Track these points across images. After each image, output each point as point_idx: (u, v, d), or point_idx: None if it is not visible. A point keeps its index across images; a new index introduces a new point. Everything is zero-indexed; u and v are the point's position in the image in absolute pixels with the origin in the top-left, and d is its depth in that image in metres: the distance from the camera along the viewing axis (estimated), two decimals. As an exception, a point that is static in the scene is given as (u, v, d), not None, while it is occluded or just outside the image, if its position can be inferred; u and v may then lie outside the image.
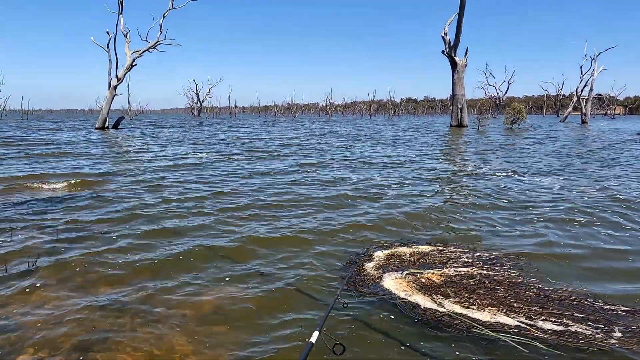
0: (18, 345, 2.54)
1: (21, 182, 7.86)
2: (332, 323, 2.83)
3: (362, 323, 2.84)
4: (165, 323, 2.82)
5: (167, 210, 5.85)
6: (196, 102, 78.31)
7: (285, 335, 2.70)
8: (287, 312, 3.00)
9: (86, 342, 2.57)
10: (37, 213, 5.57)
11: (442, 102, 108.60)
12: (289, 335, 2.70)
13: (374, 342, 2.63)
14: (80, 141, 17.67)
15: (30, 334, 2.66)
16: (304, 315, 2.95)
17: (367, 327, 2.79)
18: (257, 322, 2.87)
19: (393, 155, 13.22)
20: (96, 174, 8.88)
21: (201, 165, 10.65)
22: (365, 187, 7.58)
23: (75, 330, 2.72)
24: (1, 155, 12.28)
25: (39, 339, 2.60)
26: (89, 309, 2.98)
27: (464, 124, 30.96)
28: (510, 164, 10.80)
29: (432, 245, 4.38)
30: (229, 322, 2.85)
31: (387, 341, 2.64)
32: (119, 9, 27.60)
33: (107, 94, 27.80)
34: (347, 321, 2.87)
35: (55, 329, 2.72)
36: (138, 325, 2.79)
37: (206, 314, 2.99)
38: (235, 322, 2.86)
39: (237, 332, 2.74)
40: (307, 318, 2.91)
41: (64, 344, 2.55)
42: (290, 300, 3.18)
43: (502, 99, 75.21)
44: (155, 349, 2.53)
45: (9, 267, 3.74)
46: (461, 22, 29.37)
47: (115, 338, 2.63)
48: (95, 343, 2.57)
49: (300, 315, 2.95)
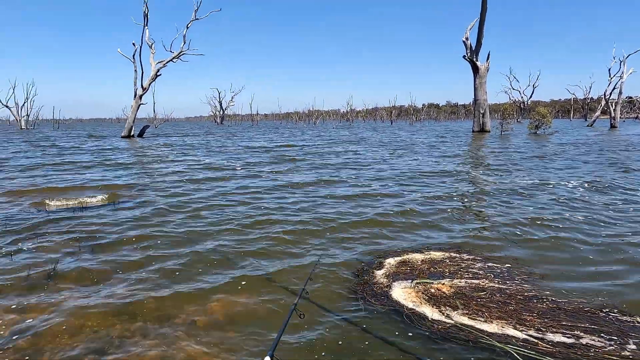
0: (38, 348, 2.67)
1: (48, 191, 8.20)
2: (337, 332, 2.87)
3: (368, 333, 2.86)
4: (177, 329, 2.91)
5: (189, 218, 5.99)
6: (219, 110, 79.77)
7: (298, 346, 2.75)
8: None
9: (101, 347, 2.69)
10: (60, 221, 5.81)
11: (465, 107, 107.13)
12: (301, 345, 2.75)
13: (378, 353, 2.64)
14: (106, 150, 18.26)
15: (49, 338, 2.79)
16: (322, 319, 2.99)
17: (373, 337, 2.81)
18: (269, 330, 2.93)
19: (422, 164, 13.14)
20: (120, 183, 9.17)
21: (228, 175, 10.84)
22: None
23: (91, 334, 2.84)
24: (33, 165, 12.81)
25: (57, 343, 2.73)
26: (105, 314, 3.11)
27: (486, 129, 30.48)
28: (534, 171, 10.58)
29: (445, 252, 4.36)
30: (241, 329, 2.92)
31: (392, 351, 2.66)
32: (144, 21, 28.49)
33: (132, 103, 28.65)
34: (353, 331, 2.89)
35: (72, 334, 2.85)
36: (151, 330, 2.89)
37: (218, 320, 3.07)
38: (246, 329, 2.92)
39: (248, 339, 2.80)
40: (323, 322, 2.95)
41: (81, 348, 2.67)
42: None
43: (527, 103, 73.56)
44: (167, 354, 2.62)
45: (31, 272, 3.93)
46: (483, 26, 29.04)
47: (128, 344, 2.74)
48: (110, 348, 2.68)
49: (319, 319, 2.99)
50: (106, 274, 3.92)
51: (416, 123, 75.65)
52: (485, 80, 30.18)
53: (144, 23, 28.49)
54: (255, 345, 2.74)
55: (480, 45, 29.50)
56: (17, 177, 9.95)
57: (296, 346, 2.73)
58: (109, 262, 4.21)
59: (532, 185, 8.49)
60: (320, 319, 3.06)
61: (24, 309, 3.21)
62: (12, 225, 5.60)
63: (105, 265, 4.12)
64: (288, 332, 2.84)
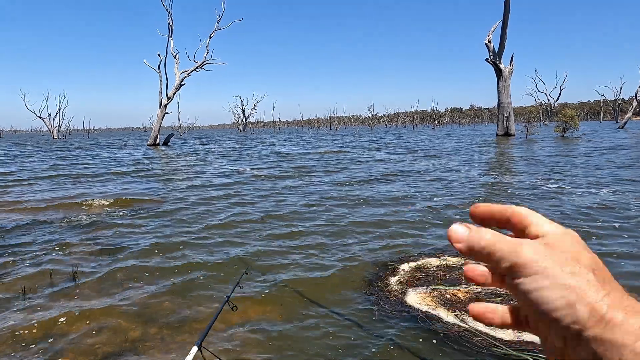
0: (58, 351, 2.77)
1: (73, 200, 8.49)
2: (351, 338, 2.86)
3: (381, 338, 2.84)
4: (193, 334, 2.97)
5: (211, 226, 6.10)
6: (242, 117, 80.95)
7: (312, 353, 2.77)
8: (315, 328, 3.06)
9: (119, 351, 2.77)
10: (82, 228, 6.01)
11: (489, 110, 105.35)
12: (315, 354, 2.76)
13: (392, 355, 2.63)
14: (133, 158, 18.78)
15: (69, 340, 2.89)
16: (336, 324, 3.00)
17: (387, 341, 2.79)
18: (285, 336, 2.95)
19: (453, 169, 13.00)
20: (143, 192, 9.41)
21: (254, 183, 10.98)
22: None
23: (110, 337, 2.93)
24: (66, 174, 13.29)
25: (77, 345, 2.83)
26: (123, 318, 3.20)
27: (511, 132, 29.86)
28: (558, 174, 10.30)
29: (462, 257, 4.29)
30: (255, 334, 2.95)
31: (405, 355, 2.63)
32: (169, 32, 29.31)
33: (158, 112, 29.43)
34: (367, 337, 2.88)
35: (91, 337, 2.94)
36: (166, 335, 2.96)
37: (233, 325, 3.11)
38: (261, 336, 2.95)
39: (261, 345, 2.83)
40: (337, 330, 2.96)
41: (99, 352, 2.76)
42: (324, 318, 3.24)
43: (554, 106, 71.74)
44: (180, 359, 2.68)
45: (53, 277, 4.08)
46: (506, 28, 28.58)
47: (144, 347, 2.81)
48: (127, 352, 2.76)
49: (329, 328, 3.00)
50: (125, 279, 4.03)
51: (439, 128, 74.80)
52: (509, 83, 29.61)
53: (169, 34, 29.32)
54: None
55: (503, 48, 29.02)
56: (44, 187, 10.35)
57: (309, 350, 2.74)
58: (128, 268, 4.32)
59: (560, 189, 8.26)
60: (333, 322, 3.07)
61: (47, 312, 3.34)
62: (38, 232, 5.83)
63: (124, 271, 4.24)
64: (310, 338, 2.85)
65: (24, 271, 4.21)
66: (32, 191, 9.45)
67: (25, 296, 3.62)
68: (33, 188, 9.92)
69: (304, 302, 3.44)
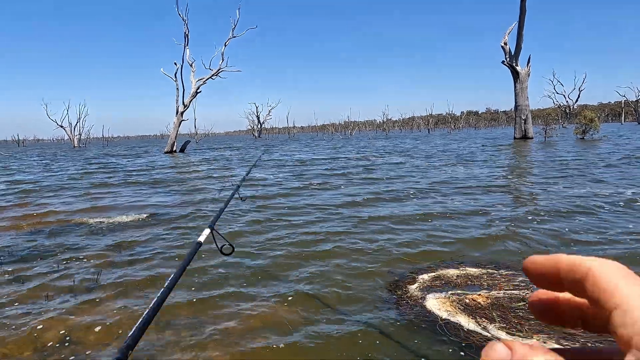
0: (81, 352, 2.80)
1: (96, 211, 8.64)
2: (366, 342, 2.81)
3: (399, 344, 2.79)
4: (209, 338, 2.96)
5: (229, 235, 6.13)
6: (257, 124, 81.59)
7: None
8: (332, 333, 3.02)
9: (137, 355, 2.78)
10: (102, 235, 6.10)
11: (506, 113, 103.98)
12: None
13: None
14: (150, 166, 19.06)
15: (90, 342, 2.92)
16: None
17: (404, 348, 2.74)
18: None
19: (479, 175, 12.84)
20: (160, 200, 9.52)
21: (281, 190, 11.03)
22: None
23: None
24: (92, 183, 13.55)
25: (97, 347, 2.85)
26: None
27: (529, 135, 29.37)
28: (584, 179, 10.06)
29: (482, 268, 4.19)
30: (271, 339, 2.93)
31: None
32: (185, 41, 29.79)
33: (174, 120, 29.87)
34: (384, 344, 2.83)
35: (111, 340, 2.96)
36: (182, 339, 2.96)
37: (252, 329, 3.09)
38: (277, 340, 2.93)
39: (278, 350, 2.81)
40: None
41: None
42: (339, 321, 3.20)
43: (573, 108, 70.38)
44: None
45: (75, 282, 4.13)
46: (522, 29, 28.23)
47: (160, 351, 2.81)
48: (145, 356, 2.77)
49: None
50: (142, 285, 4.06)
51: (454, 131, 74.04)
52: (527, 85, 29.18)
53: (185, 43, 29.80)
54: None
55: (520, 50, 28.65)
56: (65, 196, 10.56)
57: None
58: (145, 274, 4.36)
59: (586, 195, 8.05)
60: (352, 326, 3.03)
61: (68, 316, 3.38)
62: (57, 239, 5.94)
63: (142, 277, 4.28)
64: (329, 342, 2.82)
65: (48, 277, 4.29)
66: (58, 202, 9.66)
67: (48, 301, 3.68)
68: (59, 199, 10.13)
69: (324, 307, 3.41)
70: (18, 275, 4.37)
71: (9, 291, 3.94)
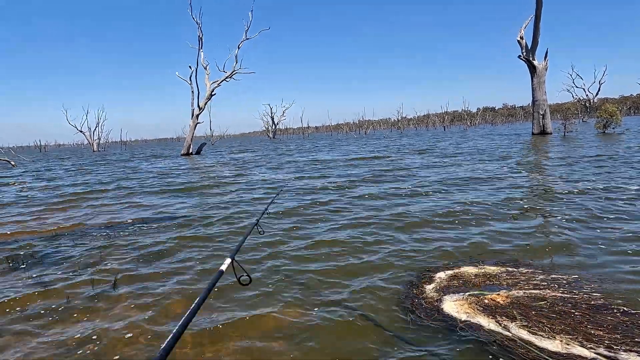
0: (103, 354, 2.84)
1: (118, 214, 8.78)
2: (386, 349, 2.78)
3: (415, 349, 2.75)
4: (228, 341, 2.96)
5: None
6: (271, 125, 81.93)
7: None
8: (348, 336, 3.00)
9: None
10: (120, 237, 6.19)
11: (523, 108, 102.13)
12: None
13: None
14: (167, 169, 19.32)
15: (112, 345, 2.96)
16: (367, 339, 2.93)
17: (422, 353, 2.69)
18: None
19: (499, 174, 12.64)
20: (179, 202, 9.63)
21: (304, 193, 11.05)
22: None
23: (147, 345, 2.97)
24: (113, 188, 13.80)
25: (118, 350, 2.89)
26: (159, 325, 3.24)
27: (547, 130, 28.77)
28: (599, 176, 9.79)
29: (501, 266, 4.10)
30: (288, 343, 2.92)
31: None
32: (199, 44, 30.09)
33: (190, 122, 30.21)
34: (399, 349, 2.79)
35: (132, 342, 3.00)
36: (199, 342, 2.98)
37: (270, 332, 3.08)
38: (294, 343, 2.92)
39: (296, 353, 2.80)
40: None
41: (140, 355, 2.80)
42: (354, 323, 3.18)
43: (593, 101, 68.67)
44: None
45: (94, 285, 4.20)
46: (538, 23, 27.66)
47: (177, 354, 2.83)
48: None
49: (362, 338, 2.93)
50: (161, 288, 4.10)
51: (470, 128, 73.07)
52: (544, 80, 28.60)
53: (199, 46, 30.10)
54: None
55: (536, 44, 28.08)
56: (83, 201, 10.77)
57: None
58: (165, 276, 4.41)
59: (608, 190, 7.84)
60: (367, 331, 3.00)
61: (90, 317, 3.44)
62: (80, 241, 6.05)
63: (160, 278, 4.32)
64: (345, 342, 2.79)
65: (70, 280, 4.37)
66: (79, 208, 9.85)
67: (69, 304, 3.74)
68: (82, 204, 10.33)
69: (339, 307, 3.38)
70: (45, 277, 4.47)
71: (35, 292, 4.02)
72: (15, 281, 4.42)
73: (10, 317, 3.53)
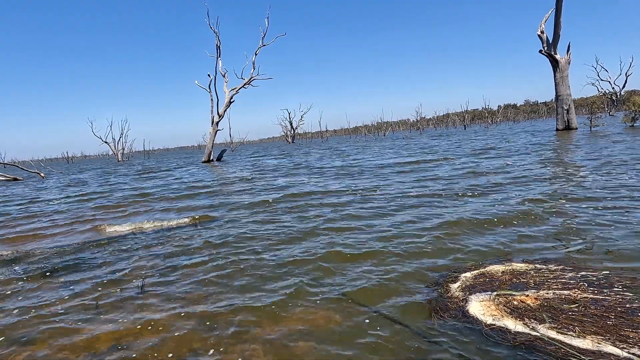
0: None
1: (140, 220, 8.99)
2: (404, 352, 2.76)
3: (440, 353, 2.72)
4: (252, 342, 3.00)
5: (261, 237, 6.22)
6: (290, 129, 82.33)
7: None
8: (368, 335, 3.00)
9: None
10: (148, 241, 6.34)
11: (546, 104, 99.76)
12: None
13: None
14: (190, 175, 19.65)
15: (140, 351, 3.04)
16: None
17: (448, 355, 2.67)
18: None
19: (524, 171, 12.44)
20: (200, 205, 9.79)
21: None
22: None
23: (173, 346, 3.04)
24: (117, 197, 14.13)
25: (145, 355, 2.96)
26: (186, 326, 3.31)
27: (572, 126, 28.02)
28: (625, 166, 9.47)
29: (529, 263, 4.03)
30: (312, 342, 2.94)
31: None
32: (217, 52, 30.58)
33: (210, 130, 30.68)
34: (423, 353, 2.77)
35: (159, 347, 3.07)
36: (224, 343, 3.03)
37: (292, 332, 3.11)
38: (318, 342, 2.93)
39: (319, 352, 2.81)
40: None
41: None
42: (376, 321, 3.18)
43: (620, 94, 66.55)
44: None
45: (121, 287, 4.32)
46: (559, 16, 27.03)
47: (204, 354, 2.89)
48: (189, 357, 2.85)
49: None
50: (188, 291, 4.18)
51: (492, 126, 71.79)
52: (567, 74, 27.88)
53: (217, 55, 30.58)
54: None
55: (558, 37, 27.43)
56: (105, 208, 11.06)
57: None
58: (190, 278, 4.49)
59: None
60: (391, 335, 2.99)
61: (118, 323, 3.53)
62: (110, 244, 6.23)
63: (187, 281, 4.41)
64: (367, 344, 2.79)
65: (99, 283, 4.50)
66: (106, 215, 10.13)
67: (98, 306, 3.86)
68: (113, 212, 10.63)
69: (364, 309, 3.38)
70: (73, 280, 4.62)
71: (64, 296, 4.16)
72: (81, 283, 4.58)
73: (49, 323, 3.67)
